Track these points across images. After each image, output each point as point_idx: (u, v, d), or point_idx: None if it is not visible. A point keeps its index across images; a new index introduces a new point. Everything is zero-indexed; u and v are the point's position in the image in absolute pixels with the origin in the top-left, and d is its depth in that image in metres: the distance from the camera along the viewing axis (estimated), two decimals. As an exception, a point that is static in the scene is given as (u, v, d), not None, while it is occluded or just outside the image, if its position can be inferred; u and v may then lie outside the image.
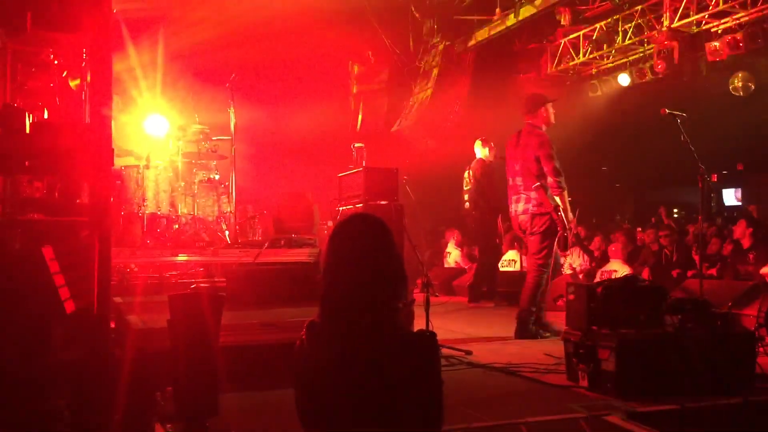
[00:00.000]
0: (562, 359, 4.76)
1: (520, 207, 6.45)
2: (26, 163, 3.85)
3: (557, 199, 6.25)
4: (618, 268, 8.90)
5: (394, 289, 2.38)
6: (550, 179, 6.27)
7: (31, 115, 3.82)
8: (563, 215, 6.21)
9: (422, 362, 2.33)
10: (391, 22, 13.37)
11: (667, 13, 10.77)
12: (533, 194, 6.32)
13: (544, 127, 6.52)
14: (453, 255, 12.52)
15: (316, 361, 2.30)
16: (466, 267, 11.94)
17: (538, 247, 6.36)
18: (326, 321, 2.35)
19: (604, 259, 10.10)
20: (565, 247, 6.48)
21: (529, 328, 6.29)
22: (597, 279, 8.67)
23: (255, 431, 3.71)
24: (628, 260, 9.49)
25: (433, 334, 2.43)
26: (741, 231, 9.10)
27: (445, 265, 12.43)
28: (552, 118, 6.58)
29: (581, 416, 3.74)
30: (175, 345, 3.48)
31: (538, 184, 6.27)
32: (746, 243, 8.93)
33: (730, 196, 20.43)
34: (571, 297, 4.74)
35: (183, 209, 7.77)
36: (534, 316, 6.34)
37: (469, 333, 6.70)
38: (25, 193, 4.71)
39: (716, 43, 10.59)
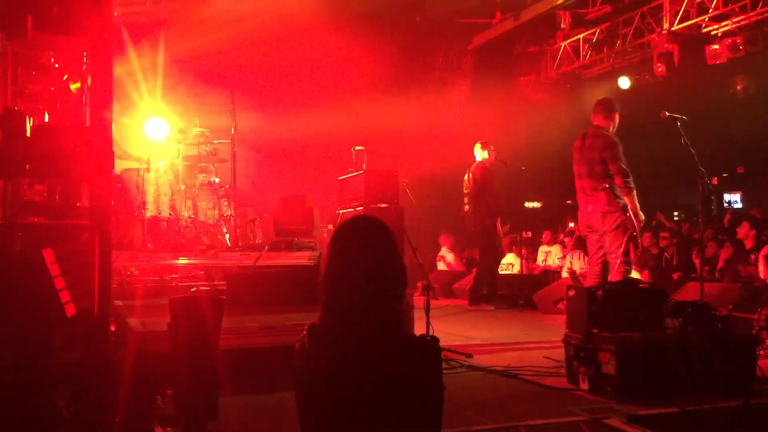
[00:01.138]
0: (562, 362, 4.76)
1: (588, 209, 6.40)
2: (27, 166, 3.85)
3: (625, 199, 6.19)
4: None
5: (396, 292, 2.37)
6: (617, 180, 6.22)
7: (31, 119, 3.82)
8: (632, 215, 6.17)
9: (424, 366, 2.33)
10: (391, 25, 13.38)
11: (667, 16, 10.78)
12: (601, 195, 6.26)
13: (611, 129, 6.48)
14: (447, 258, 12.56)
15: (318, 363, 2.30)
16: (460, 270, 11.96)
17: (613, 245, 6.24)
18: (328, 323, 2.34)
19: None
20: (636, 246, 6.40)
21: None
22: None
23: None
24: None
25: (436, 339, 2.43)
26: (744, 232, 9.11)
27: (439, 268, 12.44)
28: (617, 121, 6.55)
29: (582, 419, 3.75)
30: (175, 348, 3.48)
31: (606, 186, 6.23)
32: (749, 244, 8.94)
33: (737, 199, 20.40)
34: (572, 300, 4.74)
35: (183, 212, 7.77)
36: None
37: (469, 336, 6.70)
38: (25, 197, 4.72)
39: (716, 46, 10.60)
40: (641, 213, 6.24)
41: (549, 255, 11.74)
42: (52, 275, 3.62)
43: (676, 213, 18.93)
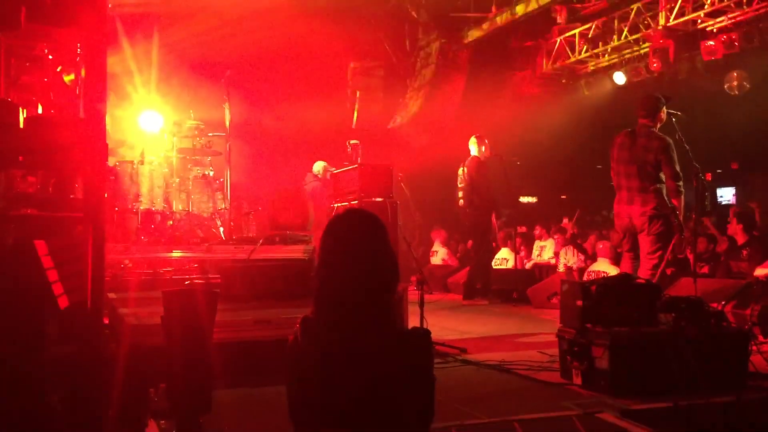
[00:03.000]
0: (556, 357, 4.77)
1: (634, 208, 6.30)
2: (20, 158, 3.83)
3: (674, 203, 6.18)
4: (607, 269, 8.90)
5: (388, 284, 2.37)
6: (670, 183, 6.18)
7: (24, 110, 3.80)
8: (680, 218, 6.15)
9: (416, 358, 2.33)
10: (387, 19, 13.36)
11: (663, 12, 10.79)
12: (651, 196, 6.21)
13: (657, 127, 6.39)
14: (440, 253, 12.59)
15: (310, 356, 2.30)
16: (454, 264, 11.99)
17: (652, 247, 6.23)
18: (320, 316, 2.34)
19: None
20: (682, 250, 6.39)
21: None
22: (585, 279, 8.64)
23: (248, 428, 3.71)
24: (616, 260, 9.45)
25: (427, 331, 2.44)
26: (733, 228, 9.12)
27: (433, 263, 12.47)
28: (664, 117, 6.45)
29: (574, 414, 3.76)
30: (169, 341, 3.48)
31: (656, 186, 6.19)
32: (740, 239, 8.95)
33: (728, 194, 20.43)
34: (565, 294, 4.75)
35: (178, 205, 7.75)
36: None
37: (463, 330, 6.71)
38: (18, 189, 4.69)
39: (712, 42, 10.62)
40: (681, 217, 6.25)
41: (544, 250, 11.76)
42: (44, 267, 3.61)
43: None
